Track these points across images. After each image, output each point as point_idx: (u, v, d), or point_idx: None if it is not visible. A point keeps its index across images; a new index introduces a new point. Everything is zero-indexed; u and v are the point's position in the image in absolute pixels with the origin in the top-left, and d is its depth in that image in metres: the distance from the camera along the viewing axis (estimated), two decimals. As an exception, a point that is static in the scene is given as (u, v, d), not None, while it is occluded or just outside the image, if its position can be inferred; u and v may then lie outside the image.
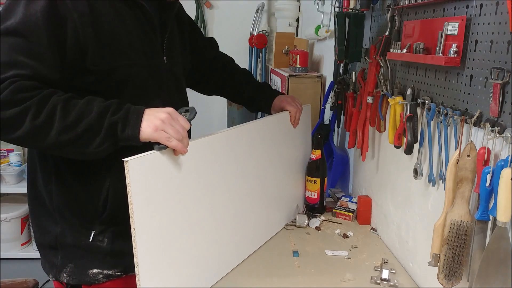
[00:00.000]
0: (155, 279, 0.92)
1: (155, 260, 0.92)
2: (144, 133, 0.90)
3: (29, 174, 1.12)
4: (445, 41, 0.92)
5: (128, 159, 0.83)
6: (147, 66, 1.05)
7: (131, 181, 0.84)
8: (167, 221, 0.94)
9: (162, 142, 0.90)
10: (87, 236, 1.06)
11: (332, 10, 1.76)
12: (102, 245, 1.06)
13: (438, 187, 1.04)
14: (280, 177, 1.40)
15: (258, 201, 1.29)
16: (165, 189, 0.93)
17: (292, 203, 1.52)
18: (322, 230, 1.43)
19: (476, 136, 0.87)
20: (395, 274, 1.18)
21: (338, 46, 1.45)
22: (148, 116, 0.91)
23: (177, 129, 0.92)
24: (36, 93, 0.85)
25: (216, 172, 1.08)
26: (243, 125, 1.19)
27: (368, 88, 1.33)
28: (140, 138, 0.90)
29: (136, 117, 0.91)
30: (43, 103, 0.85)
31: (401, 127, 1.12)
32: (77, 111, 0.88)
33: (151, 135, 0.90)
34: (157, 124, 0.90)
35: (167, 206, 0.94)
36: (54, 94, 0.88)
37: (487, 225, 0.81)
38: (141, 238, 0.87)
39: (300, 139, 1.52)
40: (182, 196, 0.98)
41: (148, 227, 0.89)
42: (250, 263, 1.23)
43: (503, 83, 0.76)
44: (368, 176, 1.53)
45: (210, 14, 3.02)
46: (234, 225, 1.18)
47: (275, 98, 1.42)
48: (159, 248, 0.93)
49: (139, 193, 0.86)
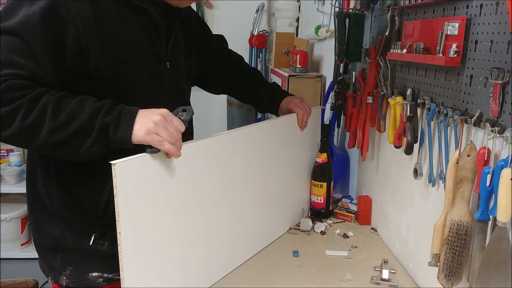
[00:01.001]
0: (140, 283, 0.91)
1: (141, 264, 0.90)
2: (136, 136, 0.87)
3: (29, 175, 1.10)
4: (445, 41, 0.92)
5: (115, 162, 0.82)
6: (150, 73, 1.04)
7: (117, 185, 0.83)
8: (155, 225, 0.93)
9: (154, 145, 0.88)
10: (87, 239, 1.04)
11: (332, 10, 1.76)
12: (103, 248, 1.05)
13: (438, 187, 1.04)
14: (285, 180, 1.38)
15: (260, 204, 1.28)
16: (154, 192, 0.91)
17: (297, 207, 1.50)
18: (325, 232, 1.43)
19: (476, 136, 0.87)
20: (395, 274, 1.18)
21: (338, 46, 1.45)
22: (141, 118, 0.89)
23: (170, 132, 0.89)
24: (27, 92, 0.83)
25: (215, 175, 1.07)
26: (247, 127, 1.18)
27: (368, 88, 1.33)
28: (132, 140, 0.87)
29: (129, 119, 0.88)
30: (34, 102, 0.83)
31: (401, 127, 1.12)
32: (69, 111, 0.85)
33: (143, 138, 0.87)
34: (150, 126, 0.87)
35: (156, 211, 0.92)
36: (46, 93, 0.86)
37: (487, 225, 0.81)
38: (126, 242, 0.86)
39: (308, 141, 1.49)
40: (173, 200, 0.96)
41: (134, 231, 0.87)
42: (250, 263, 1.23)
43: (503, 83, 0.76)
44: (368, 176, 1.53)
45: (210, 14, 3.02)
46: (230, 229, 1.17)
47: (283, 100, 1.39)
48: (145, 252, 0.91)
49: (126, 197, 0.84)
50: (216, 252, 1.13)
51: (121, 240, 0.85)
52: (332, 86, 1.69)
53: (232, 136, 1.12)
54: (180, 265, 1.02)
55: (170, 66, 1.10)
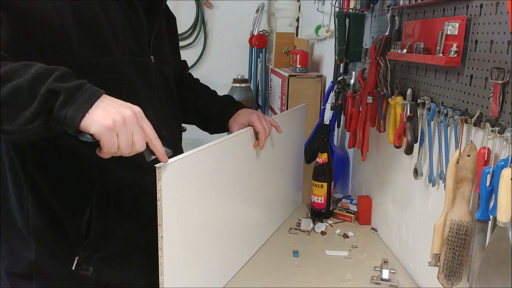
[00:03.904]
0: (177, 284, 0.89)
1: (178, 268, 0.89)
2: (90, 123, 0.66)
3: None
4: (445, 41, 0.92)
5: (160, 165, 0.77)
6: (133, 64, 0.92)
7: (162, 188, 0.78)
8: (189, 227, 0.91)
9: (104, 145, 0.68)
10: (69, 263, 0.92)
11: (332, 10, 1.76)
12: (87, 274, 0.93)
13: (438, 187, 1.04)
14: (276, 177, 1.39)
15: (257, 201, 1.28)
16: (189, 195, 0.89)
17: (287, 201, 1.52)
18: (325, 232, 1.43)
19: (476, 136, 0.87)
20: (395, 274, 1.18)
21: (338, 46, 1.45)
22: (107, 105, 0.68)
23: (130, 140, 0.70)
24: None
25: (225, 178, 1.06)
26: (243, 131, 1.14)
27: (368, 88, 1.33)
28: (81, 126, 0.66)
29: (88, 97, 0.67)
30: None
31: (401, 127, 1.12)
32: (8, 68, 0.65)
33: (97, 129, 0.66)
34: (117, 121, 0.67)
35: (190, 212, 0.91)
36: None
37: (487, 225, 0.81)
38: (168, 246, 0.83)
39: (294, 140, 1.51)
40: (201, 202, 0.95)
41: (174, 235, 0.86)
42: (250, 263, 1.23)
43: (503, 83, 0.76)
44: (368, 176, 1.53)
45: (210, 14, 3.02)
46: (240, 226, 1.18)
47: (241, 110, 1.21)
48: (181, 255, 0.90)
49: (169, 201, 0.81)
50: (226, 253, 1.13)
51: (162, 244, 0.82)
52: (332, 86, 1.69)
53: (239, 139, 1.10)
54: (203, 267, 1.02)
55: (155, 60, 1.00)
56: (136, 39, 0.94)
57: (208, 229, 1.01)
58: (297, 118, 1.52)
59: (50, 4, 0.78)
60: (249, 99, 2.60)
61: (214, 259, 1.06)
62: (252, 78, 2.99)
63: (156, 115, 0.98)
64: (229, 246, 1.13)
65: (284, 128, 1.35)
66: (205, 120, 1.26)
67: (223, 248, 1.09)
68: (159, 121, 0.98)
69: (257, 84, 3.00)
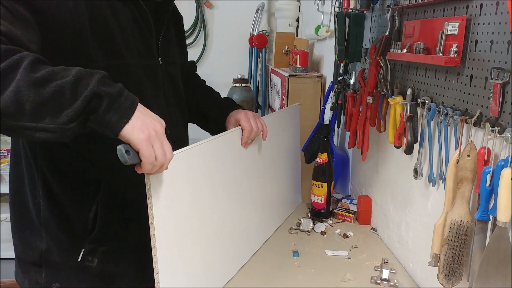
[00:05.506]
0: (173, 284, 0.90)
1: (173, 266, 0.89)
2: (130, 133, 0.71)
3: (14, 182, 1.02)
4: (445, 41, 0.92)
5: None
6: (142, 66, 0.97)
7: (151, 187, 0.80)
8: (182, 225, 0.92)
9: (144, 158, 0.72)
10: (76, 255, 0.98)
11: (332, 10, 1.76)
12: (92, 265, 0.99)
13: (438, 187, 1.04)
14: (272, 177, 1.39)
15: (255, 202, 1.28)
16: (180, 193, 0.90)
17: (286, 201, 1.52)
18: (325, 232, 1.43)
19: (476, 136, 0.87)
20: (395, 274, 1.18)
21: (338, 46, 1.45)
22: (143, 116, 0.73)
23: (164, 150, 0.75)
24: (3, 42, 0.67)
25: (218, 177, 1.07)
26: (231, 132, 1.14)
27: (368, 88, 1.33)
28: (121, 134, 0.70)
29: (130, 104, 0.72)
30: (9, 53, 0.66)
31: (401, 127, 1.12)
32: (50, 70, 0.68)
33: (138, 142, 0.71)
34: (151, 134, 0.73)
35: (182, 211, 0.91)
36: (23, 51, 0.68)
37: (487, 225, 0.81)
38: (160, 245, 0.83)
39: (288, 139, 1.51)
40: (194, 200, 0.96)
41: (167, 233, 0.86)
42: (250, 263, 1.23)
43: (503, 83, 0.76)
44: (368, 176, 1.53)
45: (210, 14, 3.02)
46: (238, 226, 1.18)
47: (236, 110, 1.22)
48: (176, 253, 0.90)
49: (159, 199, 0.82)
50: (225, 253, 1.13)
51: (155, 243, 0.82)
52: (332, 86, 1.69)
53: (227, 138, 1.10)
54: (201, 266, 1.02)
55: (163, 61, 1.04)
56: (144, 42, 0.98)
57: (204, 229, 1.01)
58: (289, 118, 1.52)
59: (71, 4, 0.80)
60: (249, 99, 2.60)
61: (213, 259, 1.06)
62: (252, 78, 2.99)
63: (162, 114, 0.99)
64: (228, 246, 1.13)
65: (277, 128, 1.35)
66: (205, 121, 1.29)
67: (222, 248, 1.09)
68: (165, 120, 1.01)
69: (257, 84, 3.00)
